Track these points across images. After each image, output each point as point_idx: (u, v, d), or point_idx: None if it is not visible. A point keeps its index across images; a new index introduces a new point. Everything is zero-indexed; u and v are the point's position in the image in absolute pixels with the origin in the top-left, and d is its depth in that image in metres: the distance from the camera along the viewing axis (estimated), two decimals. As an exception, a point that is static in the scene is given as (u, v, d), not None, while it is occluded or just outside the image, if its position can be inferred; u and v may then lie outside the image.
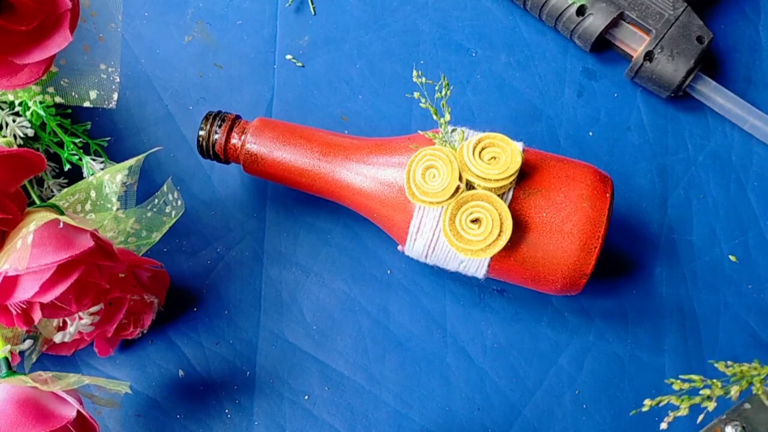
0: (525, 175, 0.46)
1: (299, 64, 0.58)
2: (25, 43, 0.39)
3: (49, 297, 0.38)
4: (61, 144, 0.52)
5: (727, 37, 0.59)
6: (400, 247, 0.49)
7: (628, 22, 0.55)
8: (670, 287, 0.54)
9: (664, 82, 0.54)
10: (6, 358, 0.42)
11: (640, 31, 0.55)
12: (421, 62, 0.58)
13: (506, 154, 0.44)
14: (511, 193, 0.45)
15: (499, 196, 0.44)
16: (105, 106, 0.45)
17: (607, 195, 0.46)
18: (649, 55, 0.54)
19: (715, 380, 0.40)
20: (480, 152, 0.44)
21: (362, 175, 0.48)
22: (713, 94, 0.56)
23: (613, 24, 0.55)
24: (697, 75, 0.55)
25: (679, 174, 0.56)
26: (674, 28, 0.54)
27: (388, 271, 0.55)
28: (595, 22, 0.55)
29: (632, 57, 0.55)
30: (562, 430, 0.52)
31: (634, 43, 0.55)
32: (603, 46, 0.57)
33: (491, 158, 0.44)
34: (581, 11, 0.55)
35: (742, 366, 0.40)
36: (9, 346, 0.43)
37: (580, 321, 0.54)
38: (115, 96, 0.45)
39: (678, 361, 0.53)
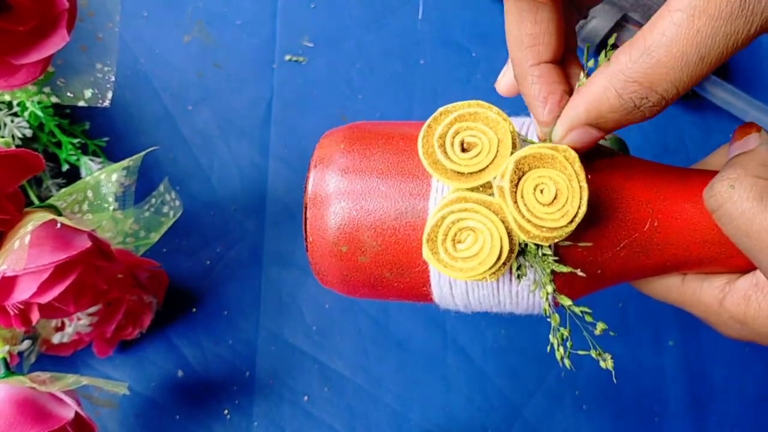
0: None
1: (301, 59, 0.58)
2: (22, 44, 0.38)
3: (46, 298, 0.38)
4: (59, 144, 0.52)
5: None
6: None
7: (631, 24, 0.55)
8: (671, 287, 0.54)
9: None
10: (4, 359, 0.42)
11: None
12: (421, 62, 0.58)
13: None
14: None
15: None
16: (100, 105, 0.45)
17: None
18: None
19: None
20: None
21: None
22: (718, 90, 0.55)
23: (617, 26, 0.55)
24: None
25: (680, 174, 0.56)
26: None
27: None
28: (599, 24, 0.54)
29: None
30: (563, 430, 0.52)
31: None
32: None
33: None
34: (585, 15, 0.54)
35: None
36: (7, 347, 0.43)
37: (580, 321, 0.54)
38: (110, 95, 0.45)
39: (678, 361, 0.53)
